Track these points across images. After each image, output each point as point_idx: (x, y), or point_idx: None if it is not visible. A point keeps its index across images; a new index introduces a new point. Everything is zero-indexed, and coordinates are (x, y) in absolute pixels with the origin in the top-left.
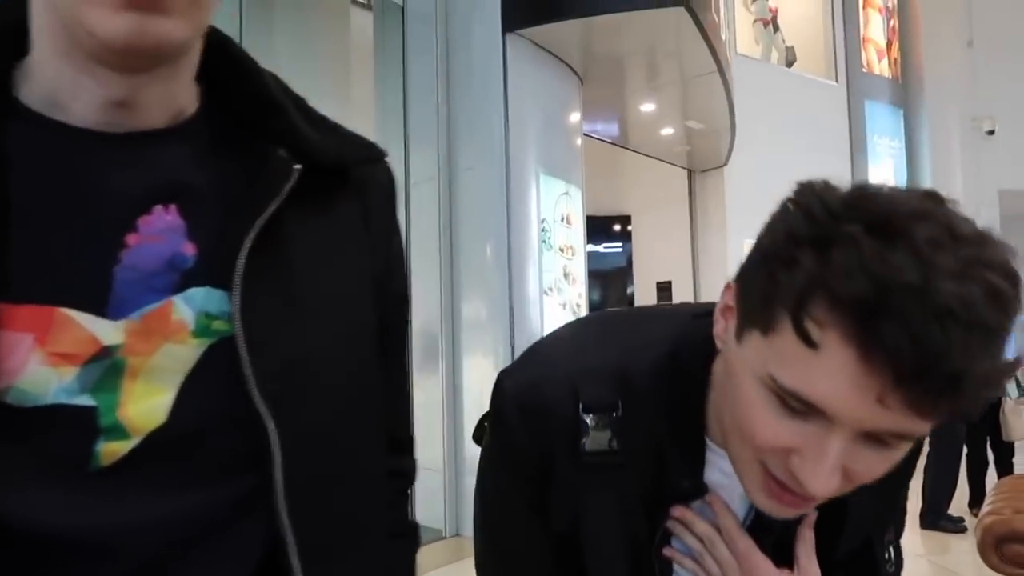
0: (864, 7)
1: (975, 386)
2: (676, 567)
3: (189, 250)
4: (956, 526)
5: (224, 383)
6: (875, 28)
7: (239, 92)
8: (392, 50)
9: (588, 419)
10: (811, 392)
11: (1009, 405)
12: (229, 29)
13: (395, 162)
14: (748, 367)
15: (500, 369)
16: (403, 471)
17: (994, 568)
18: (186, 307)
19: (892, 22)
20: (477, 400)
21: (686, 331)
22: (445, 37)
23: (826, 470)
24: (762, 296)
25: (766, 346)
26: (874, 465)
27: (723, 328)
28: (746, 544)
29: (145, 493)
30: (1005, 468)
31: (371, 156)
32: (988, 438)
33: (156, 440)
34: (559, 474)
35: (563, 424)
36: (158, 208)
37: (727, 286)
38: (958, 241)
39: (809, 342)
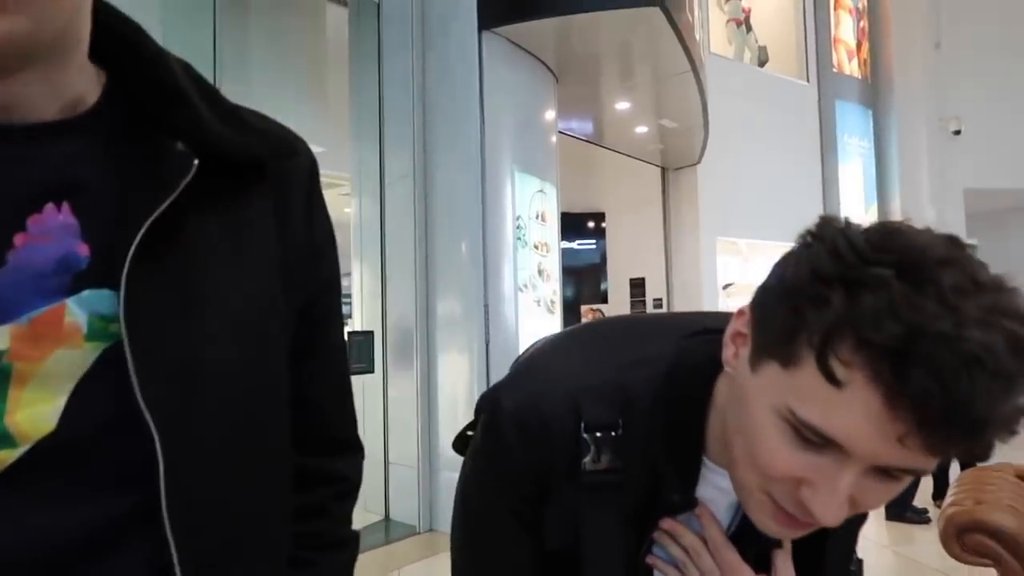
0: (835, 8)
1: (995, 432)
2: (657, 575)
3: (83, 251)
4: (920, 517)
5: (115, 389)
6: (845, 29)
7: (141, 82)
8: (368, 47)
9: (589, 438)
10: (830, 427)
11: None
12: (203, 28)
13: (370, 159)
14: (764, 397)
15: (475, 366)
16: (340, 475)
17: (956, 557)
18: (79, 310)
19: (862, 23)
20: (452, 397)
21: (685, 350)
22: (421, 34)
23: (837, 502)
24: (785, 330)
25: (786, 379)
26: (880, 496)
27: (733, 354)
28: (731, 555)
29: (32, 504)
30: (968, 462)
31: (281, 150)
32: None
33: (44, 448)
34: (557, 492)
35: (563, 442)
36: (49, 206)
37: (739, 312)
38: (980, 288)
39: (834, 380)
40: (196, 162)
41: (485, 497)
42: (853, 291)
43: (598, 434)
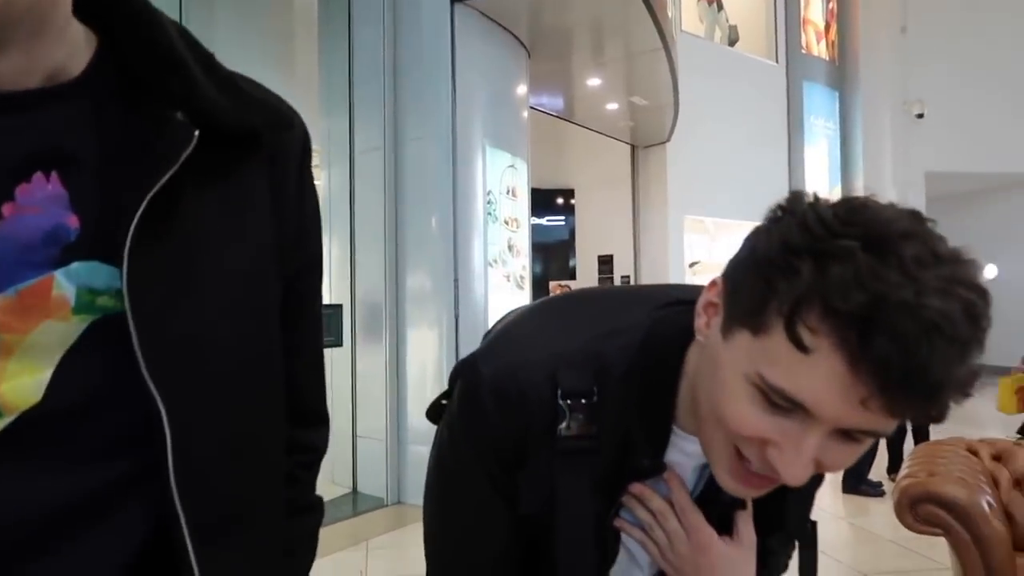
0: None
1: (951, 394)
2: (624, 538)
3: (73, 222)
4: (875, 490)
5: (109, 361)
6: (815, 10)
7: (136, 47)
8: (337, 17)
9: (565, 405)
10: (798, 391)
11: None
12: None
13: (339, 131)
14: (735, 364)
15: (444, 340)
16: (311, 445)
17: (909, 527)
18: (67, 283)
19: (831, 4)
20: (420, 371)
21: (658, 320)
22: (392, 5)
23: (802, 462)
24: (755, 299)
25: (756, 346)
26: (842, 457)
27: (705, 323)
28: (696, 517)
29: (19, 473)
30: (922, 436)
31: (279, 122)
32: None
33: (31, 419)
34: (533, 458)
35: (540, 409)
36: (38, 176)
37: (712, 283)
38: (939, 260)
39: (801, 346)
40: (197, 133)
41: (461, 463)
42: (821, 262)
43: (574, 400)
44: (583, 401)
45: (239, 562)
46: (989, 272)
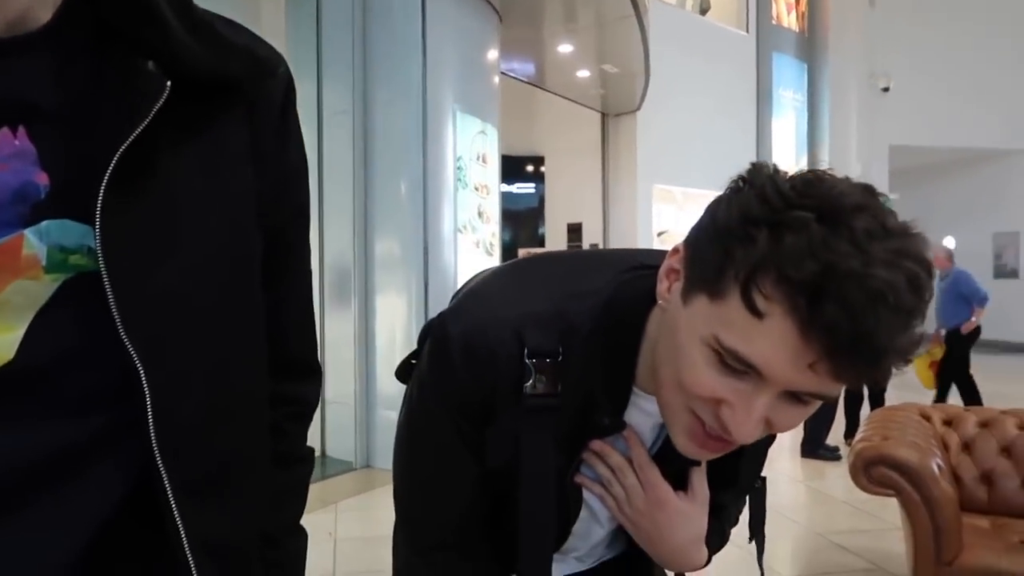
0: None
1: (892, 360)
2: (586, 495)
3: (42, 180)
4: (832, 455)
5: (83, 319)
6: None
7: None
8: None
9: (531, 363)
10: (750, 354)
11: None
12: None
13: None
14: (693, 328)
15: (413, 306)
16: (301, 397)
17: (863, 488)
18: (38, 241)
19: None
20: (390, 336)
21: (622, 283)
22: None
23: (752, 421)
24: (714, 267)
25: (713, 311)
26: (791, 418)
27: (667, 288)
28: (653, 473)
29: None
30: (877, 403)
31: (260, 71)
32: None
33: (4, 376)
34: (500, 414)
35: (508, 367)
36: (4, 131)
37: (674, 250)
38: (888, 233)
39: (755, 312)
40: (169, 84)
41: (430, 419)
42: (777, 232)
43: (540, 359)
44: (548, 360)
45: (223, 516)
46: (948, 244)
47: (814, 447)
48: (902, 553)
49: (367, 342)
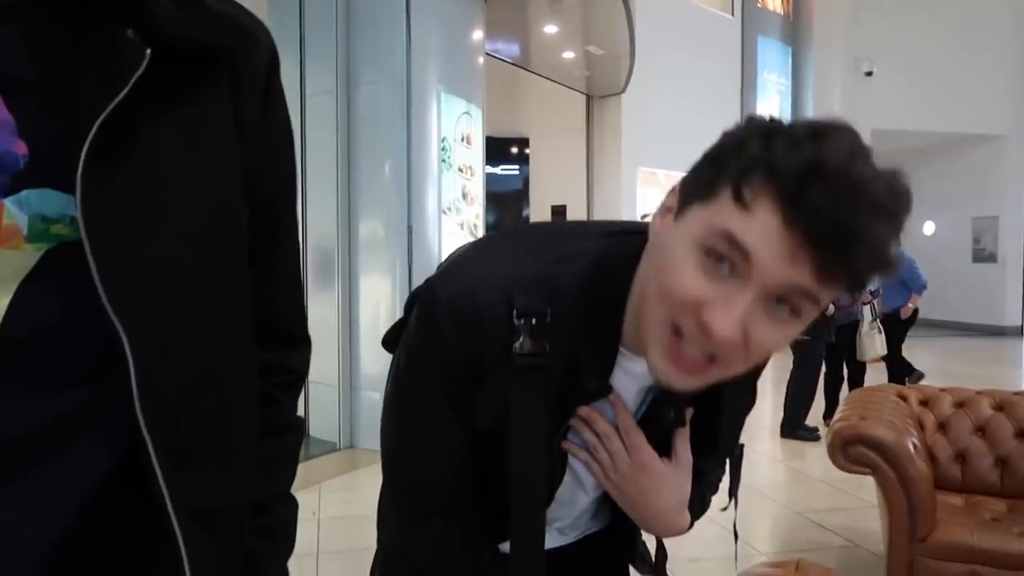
0: None
1: (868, 256)
2: (571, 461)
3: (20, 149)
4: (811, 435)
5: (66, 290)
6: None
7: None
8: None
9: (520, 324)
10: (740, 234)
11: (864, 329)
12: None
13: (289, 72)
14: (684, 235)
15: (397, 287)
16: (290, 367)
17: (841, 467)
18: (18, 211)
19: None
20: (373, 317)
21: (608, 245)
22: None
23: (732, 320)
24: (708, 180)
25: (705, 213)
26: (769, 334)
27: (660, 224)
28: (638, 438)
29: None
30: (857, 384)
31: (241, 38)
32: (845, 359)
33: None
34: (489, 376)
35: (496, 329)
36: None
37: (671, 190)
38: (871, 157)
39: (743, 204)
40: (148, 52)
41: (419, 384)
42: (769, 139)
43: (529, 320)
44: (535, 321)
45: (210, 485)
46: (927, 229)
47: (793, 428)
48: (878, 530)
49: (351, 323)
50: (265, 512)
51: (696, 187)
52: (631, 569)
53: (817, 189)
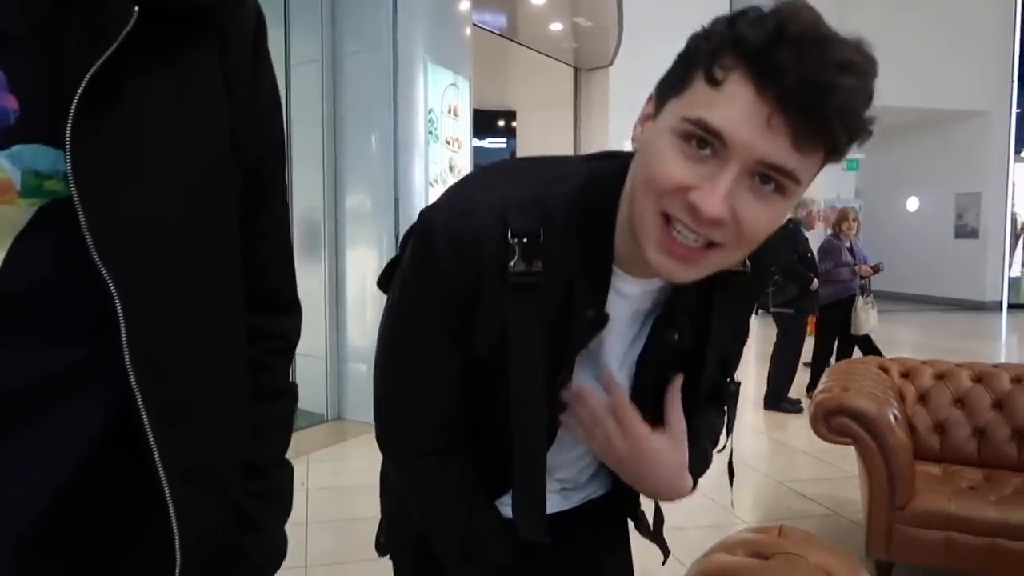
0: None
1: (841, 113)
2: (561, 432)
3: (11, 104)
4: (794, 407)
5: (61, 246)
6: None
7: None
8: None
9: (515, 243)
10: (713, 118)
11: (860, 303)
12: None
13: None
14: (663, 127)
15: (384, 259)
16: (281, 332)
17: (823, 437)
18: (11, 166)
19: None
20: (360, 289)
21: (592, 167)
22: None
23: (718, 195)
24: (681, 71)
25: (680, 103)
26: (754, 213)
27: (640, 131)
28: (631, 415)
29: None
30: (844, 357)
31: None
32: (838, 335)
33: None
34: (487, 298)
35: (493, 249)
36: None
37: (649, 98)
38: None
39: (714, 82)
40: (136, 9)
41: (415, 314)
42: (734, 21)
43: (523, 239)
44: (531, 240)
45: (200, 446)
46: (912, 205)
47: (777, 400)
48: (858, 500)
49: (337, 295)
50: (261, 475)
51: (670, 85)
52: (631, 533)
53: (784, 51)
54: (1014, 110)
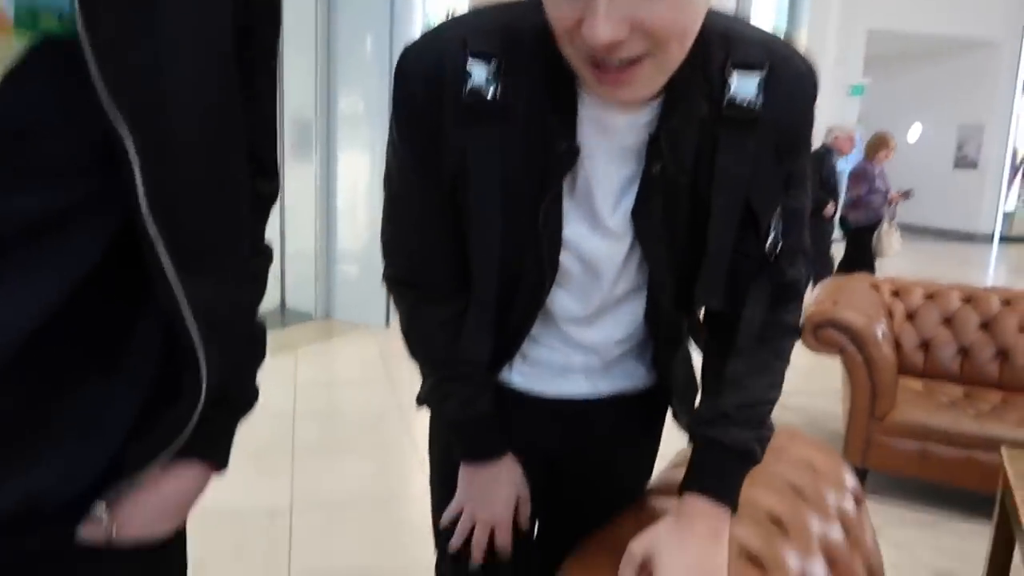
0: None
1: None
2: (591, 248)
3: None
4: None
5: (58, 87)
6: None
7: None
8: None
9: (473, 65)
10: None
11: (884, 228)
12: None
13: None
14: None
15: (376, 163)
16: (261, 192)
17: (811, 348)
18: None
19: None
20: (351, 192)
21: None
22: None
23: (599, 20)
24: None
25: None
26: (651, 12)
27: None
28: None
29: None
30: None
31: None
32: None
33: None
34: (447, 120)
35: (453, 69)
36: None
37: None
38: None
39: None
40: None
41: (396, 149)
42: None
43: (481, 60)
44: (490, 62)
45: (212, 290)
46: (913, 134)
47: None
48: (838, 412)
49: (328, 197)
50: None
51: None
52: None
53: None
54: None
